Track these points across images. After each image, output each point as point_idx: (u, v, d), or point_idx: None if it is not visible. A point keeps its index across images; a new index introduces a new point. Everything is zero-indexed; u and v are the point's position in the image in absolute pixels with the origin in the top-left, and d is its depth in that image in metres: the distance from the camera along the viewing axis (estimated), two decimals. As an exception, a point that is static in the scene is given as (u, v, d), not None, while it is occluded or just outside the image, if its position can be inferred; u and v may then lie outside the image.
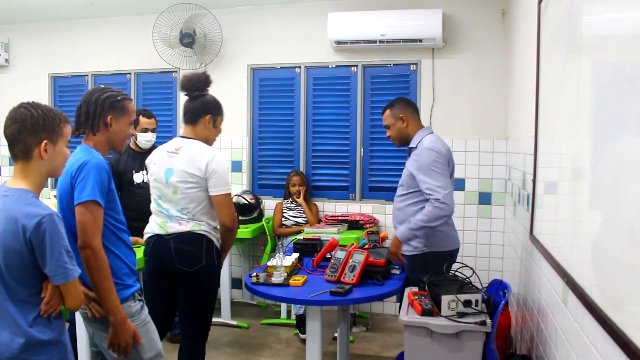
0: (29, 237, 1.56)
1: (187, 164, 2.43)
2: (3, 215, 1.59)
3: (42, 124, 1.64)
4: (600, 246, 1.38)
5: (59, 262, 1.59)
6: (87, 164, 1.86)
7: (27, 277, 1.61)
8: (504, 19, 4.05)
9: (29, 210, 1.57)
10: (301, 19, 4.50)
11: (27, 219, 1.56)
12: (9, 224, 1.57)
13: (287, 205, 4.37)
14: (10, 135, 1.64)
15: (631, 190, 1.14)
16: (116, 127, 2.02)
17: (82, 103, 2.03)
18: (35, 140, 1.63)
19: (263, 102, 4.67)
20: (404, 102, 2.87)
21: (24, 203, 1.59)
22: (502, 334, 2.93)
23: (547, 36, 2.24)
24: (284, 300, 2.48)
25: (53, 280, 1.61)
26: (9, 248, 1.57)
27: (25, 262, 1.59)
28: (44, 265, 1.59)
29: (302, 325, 3.77)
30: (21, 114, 1.64)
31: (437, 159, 2.62)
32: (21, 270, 1.60)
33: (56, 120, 1.68)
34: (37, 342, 1.61)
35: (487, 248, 4.15)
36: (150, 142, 3.67)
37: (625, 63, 1.24)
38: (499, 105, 4.08)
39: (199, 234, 2.43)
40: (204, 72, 2.60)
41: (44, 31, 5.21)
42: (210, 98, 2.61)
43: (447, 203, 2.55)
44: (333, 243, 2.89)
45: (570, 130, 1.75)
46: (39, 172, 1.66)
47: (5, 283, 1.60)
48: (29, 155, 1.64)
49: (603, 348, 1.30)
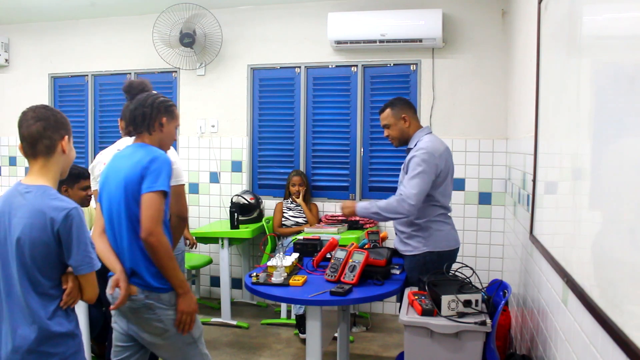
0: (57, 229, 1.65)
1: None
2: (28, 209, 1.66)
3: (62, 122, 1.77)
4: (600, 246, 1.38)
5: (85, 252, 1.69)
6: (159, 157, 2.03)
7: (51, 269, 1.69)
8: (504, 19, 4.05)
9: (56, 204, 1.66)
10: (301, 19, 4.50)
11: (55, 212, 1.65)
12: (36, 218, 1.65)
13: (287, 205, 4.37)
14: (35, 132, 1.71)
15: (631, 190, 1.14)
16: (167, 129, 2.18)
17: (137, 106, 2.15)
18: (58, 136, 1.75)
19: (263, 102, 4.67)
20: (405, 102, 2.86)
21: (49, 197, 1.68)
22: (502, 334, 2.93)
23: (547, 36, 2.24)
24: (284, 300, 2.48)
25: (79, 270, 1.70)
26: (36, 240, 1.65)
27: (51, 254, 1.67)
28: (69, 257, 1.68)
29: (302, 325, 3.77)
30: (44, 113, 1.74)
31: (429, 161, 2.59)
32: (46, 262, 1.67)
33: (68, 120, 1.82)
34: (55, 334, 1.68)
35: (487, 248, 4.15)
36: None
37: (625, 63, 1.24)
38: (499, 105, 4.09)
39: None
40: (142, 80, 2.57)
41: (44, 31, 5.21)
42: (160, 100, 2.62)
43: (413, 205, 2.54)
44: (333, 243, 2.89)
45: (570, 130, 1.75)
46: (58, 168, 1.77)
47: (29, 276, 1.67)
48: (53, 151, 1.74)
49: (603, 348, 1.30)
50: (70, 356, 1.73)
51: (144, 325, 2.06)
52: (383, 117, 2.85)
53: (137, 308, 2.03)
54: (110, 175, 2.09)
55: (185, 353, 2.12)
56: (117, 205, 2.02)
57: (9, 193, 1.75)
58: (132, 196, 1.99)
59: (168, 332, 2.05)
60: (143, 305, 2.02)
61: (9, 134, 5.40)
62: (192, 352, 2.13)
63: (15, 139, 5.33)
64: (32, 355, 1.66)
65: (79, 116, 5.08)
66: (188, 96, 4.83)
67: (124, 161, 2.06)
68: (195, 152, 4.81)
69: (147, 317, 2.04)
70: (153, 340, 2.08)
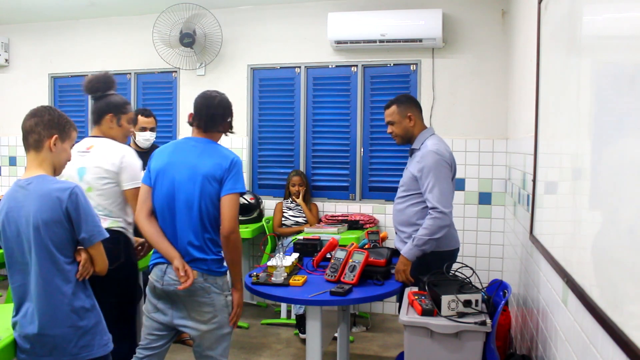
0: (66, 206, 1.82)
1: (100, 160, 2.48)
2: (34, 197, 1.82)
3: (56, 122, 1.91)
4: (600, 246, 1.38)
5: (94, 223, 1.89)
6: (238, 161, 2.23)
7: (66, 246, 1.86)
8: (504, 19, 4.05)
9: (58, 186, 1.84)
10: (301, 19, 4.50)
11: (60, 192, 1.82)
12: (43, 201, 1.81)
13: (287, 205, 4.37)
14: (28, 127, 1.88)
15: (631, 190, 1.14)
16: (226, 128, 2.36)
17: (218, 105, 2.30)
18: (48, 134, 1.88)
19: (263, 102, 4.67)
20: (411, 100, 2.83)
21: (50, 182, 1.85)
22: (502, 334, 2.93)
23: (547, 36, 2.24)
24: (284, 300, 2.48)
25: (91, 241, 1.88)
26: (48, 221, 1.80)
27: (65, 231, 1.83)
28: (80, 231, 1.85)
29: (302, 325, 3.77)
30: (40, 111, 1.91)
31: (441, 163, 2.59)
32: (62, 240, 1.84)
33: (68, 124, 1.96)
34: (78, 308, 1.86)
35: (487, 248, 4.15)
36: (148, 141, 3.67)
37: (625, 63, 1.24)
38: (499, 105, 4.09)
39: (117, 230, 2.46)
40: (106, 72, 2.67)
41: (44, 31, 5.21)
42: (114, 98, 2.64)
43: (446, 212, 2.53)
44: (333, 243, 2.89)
45: (570, 130, 1.75)
46: (48, 163, 1.90)
47: (50, 255, 1.82)
48: (40, 146, 1.88)
49: (603, 348, 1.30)
50: (91, 328, 1.90)
51: (196, 310, 2.20)
52: (388, 114, 2.80)
53: (195, 290, 2.17)
54: (177, 164, 2.22)
55: (221, 343, 2.26)
56: (187, 196, 2.17)
57: (11, 191, 1.88)
58: (208, 193, 2.16)
59: (216, 319, 2.21)
60: (201, 287, 2.17)
61: (9, 134, 5.39)
62: (226, 343, 2.28)
63: (15, 139, 5.33)
64: (59, 329, 1.82)
65: (79, 116, 5.07)
66: (188, 96, 4.82)
67: (195, 156, 2.21)
68: (195, 152, 4.80)
69: (202, 301, 2.19)
70: (198, 327, 2.21)
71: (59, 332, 1.82)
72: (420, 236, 2.54)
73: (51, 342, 1.83)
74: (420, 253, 2.56)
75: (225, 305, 2.24)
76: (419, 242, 2.54)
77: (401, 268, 2.58)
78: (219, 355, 2.26)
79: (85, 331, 1.88)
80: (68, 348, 1.84)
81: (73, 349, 1.85)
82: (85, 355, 1.87)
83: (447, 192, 2.58)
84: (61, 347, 1.84)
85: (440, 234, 2.54)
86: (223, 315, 2.23)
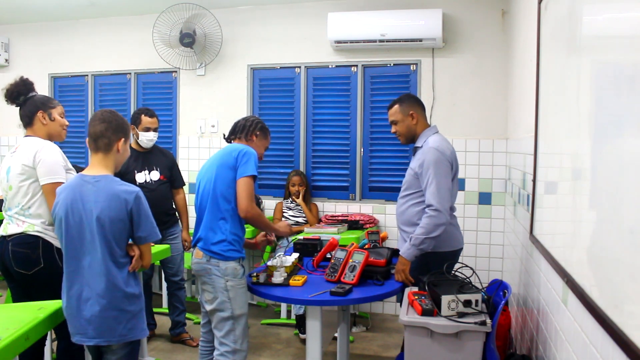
0: (130, 208, 2.05)
1: (20, 156, 2.48)
2: (103, 194, 2.05)
3: (122, 126, 2.16)
4: (600, 246, 1.38)
5: (152, 224, 2.13)
6: (249, 150, 2.52)
7: (123, 241, 2.09)
8: (504, 19, 4.05)
9: (125, 189, 2.08)
10: (301, 19, 4.50)
11: (127, 194, 2.06)
12: (112, 201, 2.04)
13: (287, 205, 4.37)
14: (98, 131, 2.11)
15: (631, 190, 1.14)
16: (257, 142, 2.72)
17: (241, 120, 2.74)
18: (116, 137, 2.13)
19: (263, 102, 4.67)
20: (413, 99, 2.84)
21: (118, 184, 2.09)
22: (502, 334, 2.93)
23: (547, 36, 2.24)
24: (284, 300, 2.48)
25: (147, 239, 2.13)
26: (114, 218, 2.04)
27: (125, 228, 2.07)
28: (138, 230, 2.09)
29: (302, 325, 3.77)
30: (108, 117, 2.14)
31: (442, 160, 2.60)
32: (121, 235, 2.07)
33: (129, 126, 2.23)
34: (128, 294, 2.08)
35: (487, 248, 4.15)
36: (152, 141, 3.66)
37: (625, 63, 1.24)
38: (499, 105, 4.09)
39: (33, 235, 2.44)
40: (22, 77, 2.70)
41: (44, 31, 5.22)
42: (38, 97, 2.66)
43: (441, 210, 2.53)
44: (333, 243, 2.89)
45: (570, 130, 1.75)
46: (114, 163, 2.16)
47: (109, 247, 2.04)
48: (110, 149, 2.13)
49: (603, 348, 1.30)
50: (137, 313, 2.12)
51: (202, 288, 2.51)
52: (391, 113, 2.82)
53: (199, 270, 2.48)
54: (205, 167, 2.61)
55: (224, 326, 2.45)
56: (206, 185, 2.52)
57: (75, 183, 2.10)
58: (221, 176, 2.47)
59: (217, 300, 2.44)
60: (203, 268, 2.46)
61: (9, 134, 5.40)
62: (228, 327, 2.45)
63: (15, 139, 5.33)
64: (112, 311, 2.04)
65: (79, 116, 5.08)
66: (188, 96, 4.83)
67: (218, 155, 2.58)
68: (195, 152, 4.81)
69: (204, 280, 2.47)
70: (205, 305, 2.50)
71: (112, 314, 2.05)
72: (417, 235, 2.54)
73: (104, 323, 2.04)
74: (419, 252, 2.56)
75: (225, 289, 2.43)
76: (416, 241, 2.54)
77: (400, 268, 2.58)
78: (222, 336, 2.45)
79: (133, 315, 2.10)
80: (118, 329, 2.06)
81: (123, 330, 2.07)
82: (131, 337, 2.10)
83: (444, 189, 2.57)
84: (112, 328, 2.05)
85: (437, 233, 2.53)
86: (222, 298, 2.43)
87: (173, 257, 3.62)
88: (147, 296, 3.60)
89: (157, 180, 3.63)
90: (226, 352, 2.44)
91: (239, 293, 2.45)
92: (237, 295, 2.44)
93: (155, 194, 3.56)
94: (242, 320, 2.47)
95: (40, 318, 2.03)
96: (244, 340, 2.47)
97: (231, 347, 2.44)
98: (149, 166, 3.63)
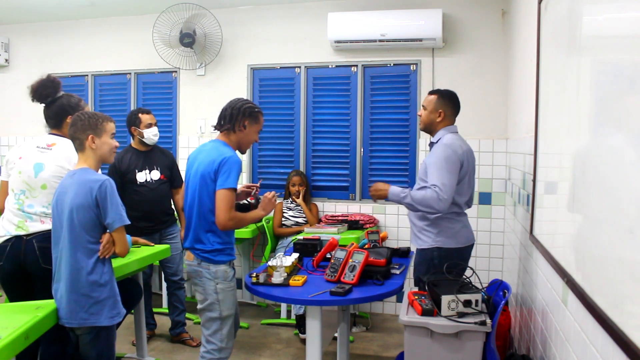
0: (95, 195, 2.15)
1: (63, 160, 2.50)
2: (75, 184, 2.18)
3: (87, 124, 2.24)
4: (600, 246, 1.38)
5: (117, 211, 2.19)
6: (231, 159, 2.41)
7: (92, 228, 2.18)
8: (504, 19, 4.05)
9: (93, 177, 2.20)
10: (301, 19, 4.50)
11: (93, 182, 2.17)
12: (80, 188, 2.16)
13: (287, 205, 4.37)
14: (71, 135, 2.26)
15: (631, 190, 1.14)
16: (248, 130, 2.56)
17: (228, 107, 2.55)
18: (84, 136, 2.23)
19: (263, 102, 4.66)
20: (451, 100, 2.82)
21: (88, 174, 2.22)
22: (502, 334, 2.93)
23: (547, 36, 2.24)
24: (284, 300, 2.48)
25: (114, 225, 2.19)
26: (80, 205, 2.15)
27: (92, 215, 2.16)
28: (105, 216, 2.17)
29: (302, 325, 3.77)
30: (74, 119, 2.27)
31: (452, 157, 2.61)
32: (89, 222, 2.16)
33: (99, 120, 2.27)
34: (93, 282, 2.17)
35: (487, 248, 4.15)
36: (157, 135, 3.65)
37: (625, 63, 1.24)
38: (499, 105, 4.08)
39: None
40: (49, 76, 2.67)
41: (44, 31, 5.21)
42: (67, 99, 2.66)
43: (444, 201, 2.53)
44: (333, 243, 2.89)
45: (570, 130, 1.75)
46: (92, 158, 2.26)
47: (78, 236, 2.16)
48: (83, 147, 2.25)
49: (603, 348, 1.30)
50: (103, 300, 2.19)
51: (194, 289, 2.56)
52: (426, 99, 2.85)
53: (190, 272, 2.54)
54: (194, 164, 2.53)
55: (211, 325, 2.50)
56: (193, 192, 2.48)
57: (64, 179, 2.27)
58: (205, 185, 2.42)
59: (207, 301, 2.49)
60: (194, 270, 2.50)
61: (9, 134, 5.39)
62: (216, 327, 2.49)
63: (15, 139, 5.33)
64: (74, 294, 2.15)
65: (79, 116, 5.08)
66: (188, 96, 4.83)
67: (204, 155, 2.49)
68: (195, 152, 4.81)
69: (196, 282, 2.52)
70: (198, 304, 2.54)
71: (73, 297, 2.16)
72: (412, 196, 2.59)
73: (67, 306, 2.16)
74: (398, 200, 2.66)
75: (215, 291, 2.47)
76: (405, 198, 2.61)
77: (380, 188, 2.72)
78: (208, 335, 2.51)
79: (97, 301, 2.18)
80: (80, 313, 2.16)
81: (84, 315, 2.17)
82: (93, 322, 2.18)
83: (449, 184, 2.57)
84: (74, 311, 2.16)
85: (423, 209, 2.58)
86: (211, 299, 2.48)
87: (172, 257, 3.62)
88: (147, 296, 3.62)
89: (158, 179, 3.63)
90: (213, 349, 2.51)
91: (227, 295, 2.51)
92: (226, 297, 2.50)
93: (156, 193, 3.57)
94: (229, 321, 2.54)
95: (39, 317, 2.05)
96: (230, 339, 2.54)
97: (217, 346, 2.50)
98: (149, 166, 3.63)
